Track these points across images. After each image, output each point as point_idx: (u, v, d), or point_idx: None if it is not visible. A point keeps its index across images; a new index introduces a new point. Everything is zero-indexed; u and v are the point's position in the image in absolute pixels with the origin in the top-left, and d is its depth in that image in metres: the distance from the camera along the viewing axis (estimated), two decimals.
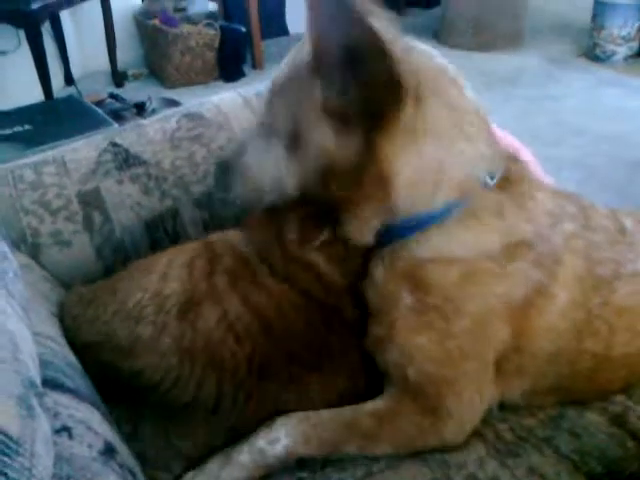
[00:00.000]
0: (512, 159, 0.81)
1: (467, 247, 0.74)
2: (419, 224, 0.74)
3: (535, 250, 0.76)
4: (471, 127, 0.73)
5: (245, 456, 0.71)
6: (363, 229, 0.75)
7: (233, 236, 0.89)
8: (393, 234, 0.76)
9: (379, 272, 0.78)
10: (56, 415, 0.58)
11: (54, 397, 0.60)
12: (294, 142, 0.73)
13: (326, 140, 0.70)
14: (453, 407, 0.75)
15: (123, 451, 0.63)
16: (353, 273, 0.81)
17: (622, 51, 3.62)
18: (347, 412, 0.76)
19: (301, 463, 0.74)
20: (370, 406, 0.77)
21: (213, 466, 0.72)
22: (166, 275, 0.79)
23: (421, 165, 0.70)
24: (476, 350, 0.76)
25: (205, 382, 0.72)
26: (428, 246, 0.74)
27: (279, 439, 0.72)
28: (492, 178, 0.75)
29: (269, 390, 0.75)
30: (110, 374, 0.75)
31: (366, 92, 0.64)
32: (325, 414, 0.75)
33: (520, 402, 0.83)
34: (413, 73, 0.66)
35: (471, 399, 0.77)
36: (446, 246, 0.74)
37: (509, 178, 0.77)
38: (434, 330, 0.74)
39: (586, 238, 0.80)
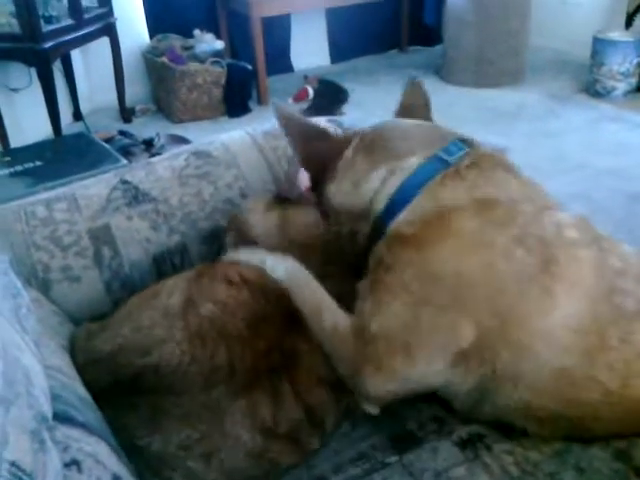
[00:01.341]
0: (489, 149, 0.88)
1: (429, 206, 0.81)
2: (392, 211, 0.85)
3: (517, 225, 0.77)
4: (402, 132, 0.93)
5: (256, 255, 0.94)
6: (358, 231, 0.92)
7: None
8: (381, 225, 0.87)
9: (369, 259, 0.88)
10: (66, 449, 0.59)
11: (64, 431, 0.62)
12: None
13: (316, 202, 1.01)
14: (398, 368, 0.78)
15: None
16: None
17: (621, 87, 3.68)
18: (325, 304, 0.87)
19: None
20: (340, 317, 0.86)
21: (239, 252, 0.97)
22: (171, 291, 0.88)
23: (355, 174, 0.91)
24: (448, 326, 0.76)
25: (217, 351, 0.80)
26: (399, 219, 0.84)
27: (281, 267, 0.91)
28: (449, 154, 0.85)
29: (271, 338, 0.84)
30: (128, 376, 0.81)
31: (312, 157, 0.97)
32: (315, 289, 0.89)
33: (525, 426, 0.82)
34: (352, 138, 0.94)
35: (419, 368, 0.78)
36: (411, 213, 0.83)
37: (472, 155, 0.85)
38: (408, 293, 0.77)
39: (600, 257, 0.78)
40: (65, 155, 2.53)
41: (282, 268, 0.91)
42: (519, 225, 0.77)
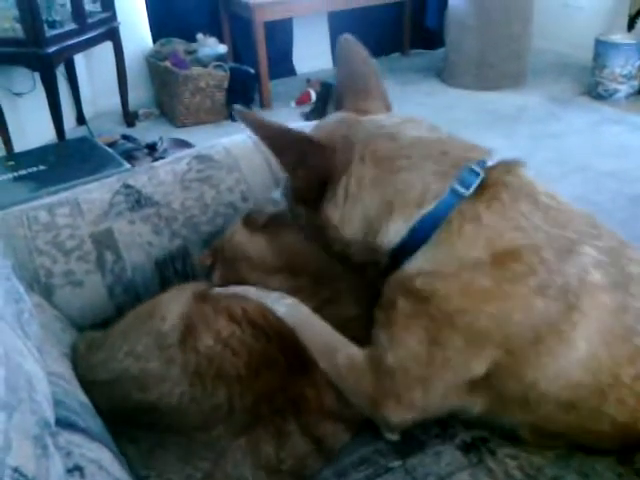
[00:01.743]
0: (502, 162, 0.82)
1: (445, 260, 0.77)
2: (407, 249, 0.80)
3: (538, 276, 0.74)
4: (407, 160, 0.81)
5: (253, 293, 0.91)
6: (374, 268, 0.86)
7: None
8: (397, 259, 0.82)
9: (385, 286, 0.85)
10: (69, 454, 0.59)
11: (66, 436, 0.62)
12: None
13: (305, 217, 0.90)
14: (417, 401, 0.79)
15: None
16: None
17: (624, 89, 3.67)
18: (336, 340, 0.85)
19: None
20: (354, 350, 0.84)
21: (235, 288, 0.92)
22: (165, 313, 0.87)
23: (367, 210, 0.82)
24: (462, 364, 0.77)
25: (217, 392, 0.79)
26: (413, 264, 0.80)
27: (283, 306, 0.88)
28: (466, 186, 0.78)
29: (273, 382, 0.82)
30: (127, 408, 0.80)
31: (308, 180, 0.85)
32: (322, 326, 0.86)
33: (527, 438, 0.83)
34: (347, 151, 0.83)
35: (437, 400, 0.79)
36: (426, 262, 0.78)
37: (487, 183, 0.78)
38: (425, 332, 0.77)
39: (620, 300, 0.76)
40: (68, 159, 2.54)
41: (283, 306, 0.88)
42: (541, 275, 0.74)
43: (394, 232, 0.81)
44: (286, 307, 0.87)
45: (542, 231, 0.76)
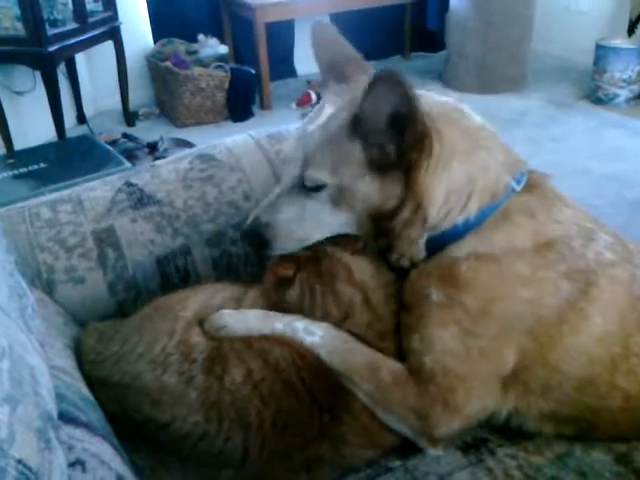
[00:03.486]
0: (532, 170, 0.90)
1: (499, 244, 0.82)
2: (458, 232, 0.83)
3: (566, 262, 0.81)
4: (485, 141, 0.87)
5: (280, 325, 0.83)
6: (415, 246, 0.86)
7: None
8: (436, 245, 0.85)
9: (414, 272, 0.86)
10: (70, 448, 0.59)
11: (68, 431, 0.62)
12: (339, 194, 0.85)
13: (370, 187, 0.83)
14: (462, 402, 0.79)
15: None
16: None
17: (624, 93, 3.69)
18: (377, 357, 0.83)
19: None
20: (396, 365, 0.82)
21: (250, 315, 0.85)
22: (192, 324, 0.83)
23: (452, 183, 0.82)
24: (496, 354, 0.79)
25: (232, 438, 0.74)
26: (463, 247, 0.83)
27: (314, 334, 0.82)
28: (518, 183, 0.86)
29: (295, 443, 0.77)
30: (136, 418, 0.76)
31: (402, 145, 0.79)
32: (361, 347, 0.83)
33: (538, 429, 0.85)
34: (428, 115, 0.80)
35: (479, 400, 0.80)
36: (479, 245, 0.83)
37: (533, 184, 0.87)
38: (458, 326, 0.79)
39: (630, 272, 0.84)
40: (69, 158, 2.55)
41: (317, 330, 0.83)
42: (568, 261, 0.82)
43: (468, 212, 0.83)
44: (322, 331, 0.83)
45: (573, 224, 0.86)
